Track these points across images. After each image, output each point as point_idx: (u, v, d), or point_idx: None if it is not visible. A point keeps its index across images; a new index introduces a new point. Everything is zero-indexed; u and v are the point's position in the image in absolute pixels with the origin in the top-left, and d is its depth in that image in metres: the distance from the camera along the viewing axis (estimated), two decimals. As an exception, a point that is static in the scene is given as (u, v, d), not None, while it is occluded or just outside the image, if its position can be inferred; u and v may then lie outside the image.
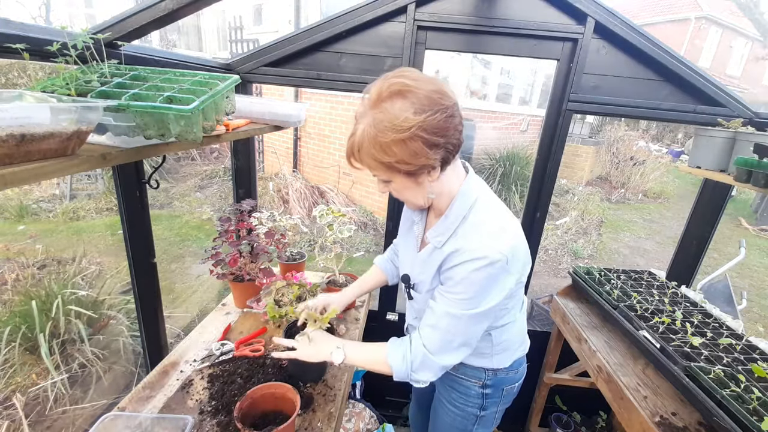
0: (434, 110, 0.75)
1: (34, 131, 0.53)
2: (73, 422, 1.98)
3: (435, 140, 0.76)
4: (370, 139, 0.77)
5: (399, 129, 0.74)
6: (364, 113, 0.79)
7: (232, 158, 1.84)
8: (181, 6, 1.05)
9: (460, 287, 0.85)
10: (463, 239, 0.86)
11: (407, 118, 0.73)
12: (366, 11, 1.54)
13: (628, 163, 8.53)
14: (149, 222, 1.29)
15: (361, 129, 0.78)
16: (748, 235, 6.60)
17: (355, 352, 1.00)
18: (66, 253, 3.52)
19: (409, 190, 0.87)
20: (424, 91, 0.75)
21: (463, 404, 1.13)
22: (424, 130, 0.74)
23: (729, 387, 1.01)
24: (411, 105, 0.74)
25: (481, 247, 0.82)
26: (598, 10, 1.47)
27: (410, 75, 0.77)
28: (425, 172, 0.81)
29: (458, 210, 0.90)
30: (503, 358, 1.08)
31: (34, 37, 0.81)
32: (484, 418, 1.14)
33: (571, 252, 5.26)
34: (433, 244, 0.93)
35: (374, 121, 0.76)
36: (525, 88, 8.21)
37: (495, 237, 0.84)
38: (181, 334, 2.62)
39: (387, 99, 0.76)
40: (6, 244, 3.59)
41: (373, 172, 0.85)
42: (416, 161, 0.78)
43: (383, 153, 0.77)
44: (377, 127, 0.75)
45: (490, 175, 6.39)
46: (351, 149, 0.82)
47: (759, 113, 1.53)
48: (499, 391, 1.11)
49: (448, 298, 0.87)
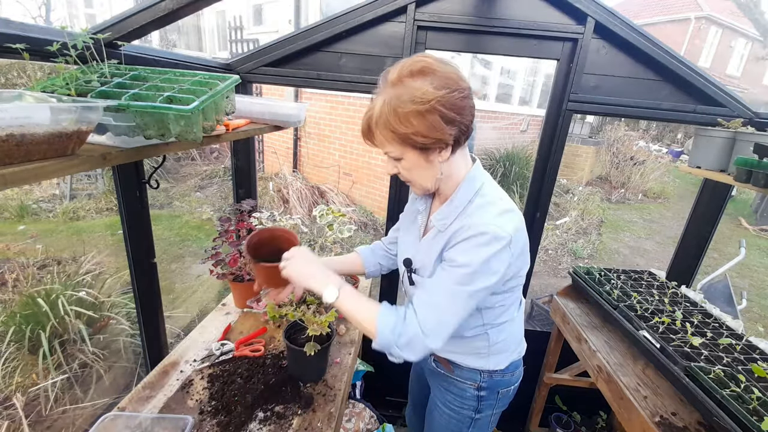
0: (452, 88, 0.79)
1: (34, 131, 0.53)
2: (73, 422, 1.98)
3: (451, 116, 0.80)
4: (390, 110, 0.80)
5: (419, 101, 0.77)
6: (382, 90, 0.83)
7: (232, 158, 1.84)
8: (181, 6, 1.05)
9: (464, 259, 0.84)
10: (469, 218, 0.89)
11: (427, 91, 0.78)
12: (366, 11, 1.54)
13: (628, 163, 8.53)
14: (149, 222, 1.29)
15: (380, 102, 0.82)
16: (748, 235, 6.60)
17: (349, 300, 0.92)
18: (66, 253, 3.52)
19: (419, 169, 0.88)
20: (443, 71, 0.80)
21: (459, 407, 1.11)
22: (442, 104, 0.78)
23: (729, 387, 1.01)
24: (431, 82, 0.79)
25: (488, 223, 0.84)
26: (598, 10, 1.47)
27: (431, 57, 0.82)
28: (438, 150, 0.84)
29: (464, 194, 0.92)
30: (499, 360, 1.07)
31: (34, 37, 0.81)
32: (479, 421, 1.12)
33: (571, 252, 5.26)
34: (438, 227, 0.94)
35: (395, 94, 0.80)
36: (525, 88, 8.21)
37: (501, 216, 0.87)
38: (181, 334, 2.62)
39: (408, 77, 0.80)
40: (6, 244, 3.59)
41: (386, 149, 0.87)
42: (432, 134, 0.80)
43: (401, 124, 0.80)
44: (399, 99, 0.79)
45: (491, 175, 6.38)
46: (368, 122, 0.85)
47: (759, 113, 1.53)
48: (495, 394, 1.10)
49: (448, 272, 0.86)
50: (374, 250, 1.28)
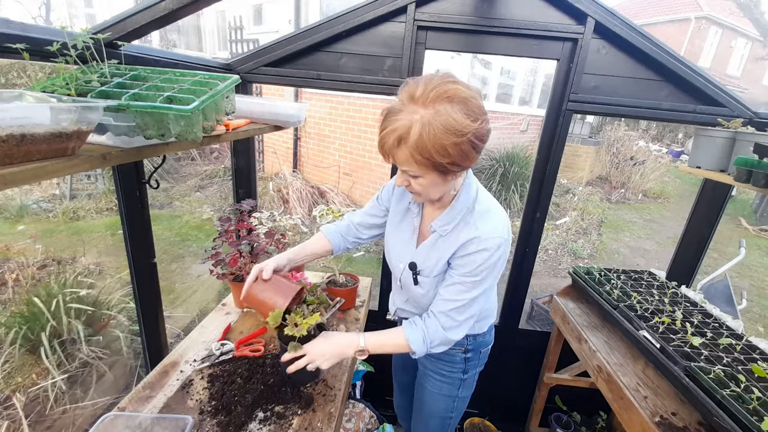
0: (483, 119, 0.83)
1: (34, 131, 0.53)
2: (73, 422, 1.98)
3: (480, 145, 0.85)
4: (428, 136, 0.80)
5: (459, 134, 0.80)
6: (408, 108, 0.81)
7: (232, 158, 1.84)
8: (181, 6, 1.05)
9: (478, 270, 0.96)
10: (475, 229, 0.97)
11: (465, 123, 0.80)
12: (366, 11, 1.54)
13: (628, 163, 8.53)
14: (149, 222, 1.29)
15: (412, 124, 0.80)
16: (748, 235, 6.60)
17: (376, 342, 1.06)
18: (66, 253, 3.52)
19: (435, 186, 0.92)
20: (475, 100, 0.82)
21: (449, 371, 1.24)
22: (477, 137, 0.83)
23: (729, 387, 1.01)
24: (467, 112, 0.81)
25: (494, 234, 0.95)
26: (598, 10, 1.47)
27: (461, 82, 0.83)
28: (459, 171, 0.89)
29: (464, 201, 1.00)
30: (483, 324, 1.22)
31: (34, 37, 0.81)
32: (466, 381, 1.27)
33: (571, 252, 5.26)
34: (439, 232, 1.02)
35: (430, 120, 0.79)
36: (525, 88, 8.21)
37: (500, 222, 0.98)
38: (181, 334, 2.62)
39: (443, 101, 0.80)
40: (6, 244, 3.59)
41: (407, 167, 0.88)
42: (463, 162, 0.85)
43: (437, 152, 0.81)
44: (436, 127, 0.79)
45: (491, 175, 6.38)
46: (397, 141, 0.83)
47: (759, 113, 1.53)
48: (477, 354, 1.25)
49: (462, 281, 0.99)
50: (345, 234, 1.30)
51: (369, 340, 1.05)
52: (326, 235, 1.29)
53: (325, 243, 1.28)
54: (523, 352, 2.00)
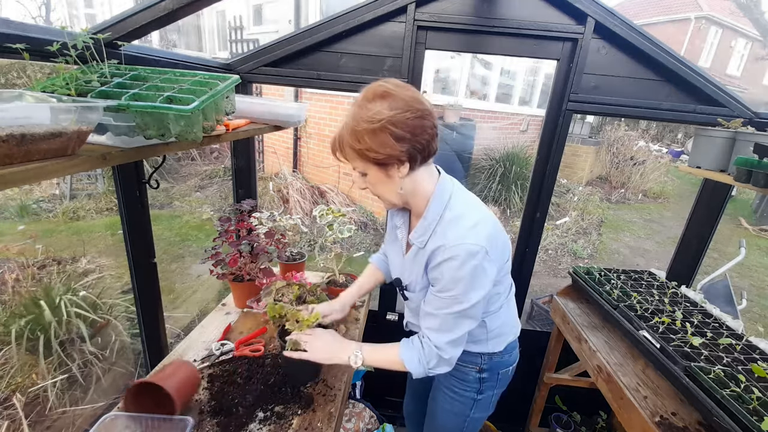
0: (404, 110, 0.85)
1: (34, 131, 0.53)
2: (73, 422, 1.98)
3: (401, 134, 0.86)
4: (348, 129, 0.88)
5: (371, 121, 0.85)
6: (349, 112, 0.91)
7: (232, 158, 1.84)
8: (181, 6, 1.05)
9: (449, 285, 0.91)
10: (443, 236, 0.92)
11: (380, 111, 0.85)
12: (366, 11, 1.54)
13: (628, 163, 8.52)
14: (149, 222, 1.29)
15: (344, 122, 0.91)
16: (748, 235, 6.60)
17: (372, 356, 1.06)
18: (66, 253, 3.52)
19: (382, 184, 0.95)
20: (402, 95, 0.86)
21: (461, 389, 1.20)
22: (392, 124, 0.84)
23: (729, 387, 1.01)
24: (388, 105, 0.85)
25: (461, 242, 0.89)
26: (598, 10, 1.47)
27: (393, 82, 0.89)
28: (394, 165, 0.90)
29: (435, 209, 0.96)
30: (497, 343, 1.15)
31: (34, 37, 0.81)
32: (480, 401, 1.21)
33: (571, 252, 5.26)
34: (417, 245, 1.00)
35: (354, 114, 0.88)
36: (525, 88, 8.21)
37: (471, 230, 0.91)
38: (181, 334, 2.62)
39: (369, 100, 0.87)
40: (6, 244, 3.59)
41: (352, 164, 0.95)
42: (383, 150, 0.86)
43: (356, 140, 0.87)
44: (355, 119, 0.87)
45: (491, 175, 6.38)
46: (334, 141, 0.94)
47: (759, 113, 1.53)
48: (495, 375, 1.19)
49: (441, 299, 0.94)
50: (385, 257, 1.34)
51: (366, 357, 1.05)
52: (374, 263, 1.36)
53: (375, 270, 1.35)
54: (523, 352, 1.99)
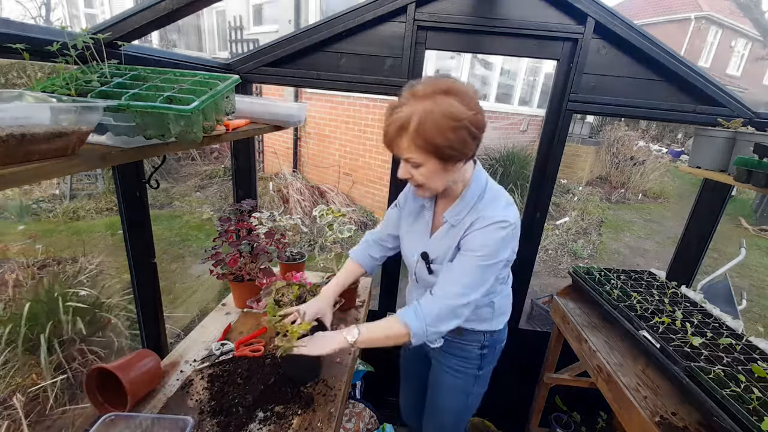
0: (478, 111, 0.92)
1: (34, 131, 0.53)
2: (73, 422, 1.98)
3: (476, 133, 0.93)
4: (428, 122, 0.88)
5: (457, 119, 0.88)
6: (409, 102, 0.91)
7: (232, 158, 1.84)
8: (181, 6, 1.05)
9: (483, 242, 1.00)
10: (482, 211, 1.03)
11: (463, 111, 0.89)
12: (366, 11, 1.54)
13: (628, 163, 8.52)
14: (149, 222, 1.29)
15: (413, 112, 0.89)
16: (748, 235, 6.60)
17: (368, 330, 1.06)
18: (66, 253, 3.52)
19: (436, 176, 0.98)
20: (468, 93, 0.91)
21: (464, 367, 1.28)
22: (471, 123, 0.90)
23: (729, 387, 1.01)
24: (462, 102, 0.89)
25: (499, 213, 1.01)
26: (598, 10, 1.47)
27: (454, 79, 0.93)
28: (459, 161, 0.96)
29: (473, 192, 1.07)
30: (499, 321, 1.26)
31: (34, 37, 0.81)
32: (480, 377, 1.30)
33: (571, 252, 5.26)
34: (451, 222, 1.08)
35: (430, 108, 0.88)
36: (525, 88, 8.21)
37: (507, 208, 1.05)
38: (181, 334, 2.62)
39: (440, 94, 0.89)
40: (6, 244, 3.59)
41: (409, 155, 0.95)
42: (461, 148, 0.92)
43: (438, 135, 0.89)
44: (435, 113, 0.88)
45: (491, 175, 6.34)
46: (399, 130, 0.92)
47: (759, 113, 1.53)
48: (493, 351, 1.29)
49: (469, 256, 1.02)
50: (368, 248, 1.37)
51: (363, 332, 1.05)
52: (355, 258, 1.37)
53: (354, 265, 1.36)
54: (523, 352, 2.00)
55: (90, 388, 1.03)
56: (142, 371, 1.07)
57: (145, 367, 1.08)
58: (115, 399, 1.03)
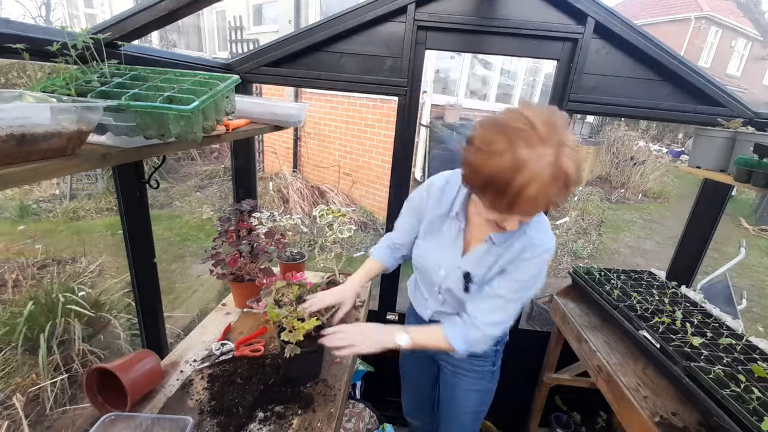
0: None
1: (34, 131, 0.53)
2: (73, 422, 1.98)
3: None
4: (575, 179, 0.75)
5: (575, 183, 0.76)
6: (549, 142, 0.73)
7: (232, 158, 1.83)
8: (181, 6, 1.05)
9: (532, 275, 1.01)
10: (533, 237, 1.01)
11: (577, 174, 0.76)
12: (366, 11, 1.54)
13: (628, 163, 8.53)
14: (149, 222, 1.29)
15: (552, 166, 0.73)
16: (748, 235, 6.60)
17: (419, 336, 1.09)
18: (66, 253, 3.52)
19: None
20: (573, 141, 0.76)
21: (481, 366, 1.28)
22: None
23: (729, 387, 1.01)
24: (577, 158, 0.76)
25: (547, 238, 1.01)
26: (598, 10, 1.47)
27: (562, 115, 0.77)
28: None
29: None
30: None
31: (34, 37, 0.81)
32: (495, 372, 1.32)
33: (571, 252, 5.26)
34: (494, 240, 1.03)
35: (569, 164, 0.73)
36: (525, 88, 8.20)
37: (548, 232, 1.03)
38: (181, 334, 2.62)
39: (564, 141, 0.74)
40: (6, 244, 3.59)
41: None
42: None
43: (566, 195, 0.78)
44: (576, 167, 0.74)
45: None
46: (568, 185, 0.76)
47: (759, 113, 1.53)
48: (503, 345, 1.32)
49: (511, 284, 1.02)
50: (393, 252, 1.33)
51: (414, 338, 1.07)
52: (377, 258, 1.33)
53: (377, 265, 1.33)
54: (523, 352, 2.00)
55: (90, 388, 1.03)
56: (142, 371, 1.07)
57: (145, 367, 1.08)
58: (115, 399, 1.03)
